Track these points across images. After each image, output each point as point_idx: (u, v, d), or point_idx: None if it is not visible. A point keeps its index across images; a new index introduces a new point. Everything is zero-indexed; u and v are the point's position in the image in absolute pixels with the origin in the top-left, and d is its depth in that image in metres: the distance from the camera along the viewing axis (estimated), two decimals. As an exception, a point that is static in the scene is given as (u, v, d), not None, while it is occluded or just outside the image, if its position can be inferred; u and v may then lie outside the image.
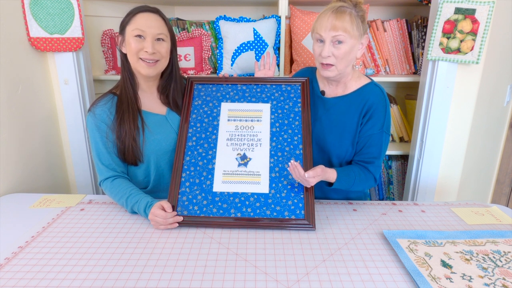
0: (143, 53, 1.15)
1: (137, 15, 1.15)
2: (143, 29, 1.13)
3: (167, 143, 1.22)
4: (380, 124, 1.16)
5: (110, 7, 1.92)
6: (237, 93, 1.27)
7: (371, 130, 1.16)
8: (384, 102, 1.17)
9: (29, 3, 1.51)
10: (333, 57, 1.10)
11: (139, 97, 1.23)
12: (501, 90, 1.82)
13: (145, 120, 1.21)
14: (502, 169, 2.05)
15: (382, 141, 1.17)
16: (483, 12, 1.46)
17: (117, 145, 1.17)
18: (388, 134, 1.18)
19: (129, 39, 1.15)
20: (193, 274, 0.86)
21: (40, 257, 0.92)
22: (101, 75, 1.92)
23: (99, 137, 1.16)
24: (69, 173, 1.84)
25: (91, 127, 1.17)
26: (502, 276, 0.85)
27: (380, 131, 1.16)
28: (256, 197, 1.09)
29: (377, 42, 1.92)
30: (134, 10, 1.16)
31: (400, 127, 2.03)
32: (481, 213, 1.16)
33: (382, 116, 1.16)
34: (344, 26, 1.07)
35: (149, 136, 1.20)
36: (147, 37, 1.14)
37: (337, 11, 1.08)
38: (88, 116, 1.19)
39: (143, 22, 1.14)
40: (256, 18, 1.95)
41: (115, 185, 1.15)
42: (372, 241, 1.00)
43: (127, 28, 1.15)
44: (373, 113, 1.16)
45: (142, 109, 1.23)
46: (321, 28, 1.09)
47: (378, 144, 1.17)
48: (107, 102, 1.20)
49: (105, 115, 1.17)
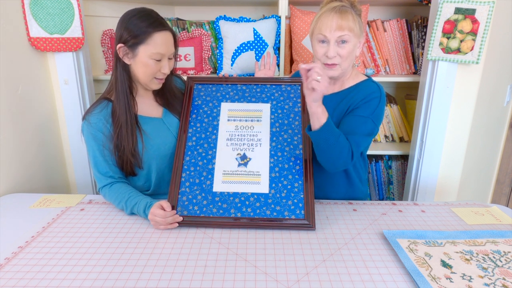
0: (159, 74, 1.15)
1: (154, 35, 1.09)
2: (163, 52, 1.11)
3: (166, 147, 1.21)
4: (370, 111, 1.13)
5: (110, 7, 1.92)
6: (237, 93, 1.27)
7: (359, 112, 1.13)
8: (379, 96, 1.14)
9: (29, 3, 1.51)
10: (338, 57, 1.11)
11: (136, 102, 1.20)
12: (501, 90, 1.82)
13: (143, 127, 1.19)
14: (502, 169, 2.05)
15: (367, 125, 1.12)
16: (483, 12, 1.46)
17: (116, 155, 1.16)
18: (375, 124, 1.14)
19: (146, 60, 1.11)
20: (193, 274, 0.86)
21: (40, 257, 0.92)
22: (101, 75, 1.92)
23: (95, 145, 1.15)
24: (69, 173, 1.84)
25: (87, 135, 1.16)
26: (502, 276, 0.85)
27: (367, 116, 1.12)
28: (256, 197, 1.09)
29: (377, 42, 1.93)
30: (145, 29, 1.09)
31: (400, 127, 2.03)
32: (481, 213, 1.16)
33: (374, 106, 1.13)
34: (349, 26, 1.07)
35: (148, 142, 1.19)
36: (163, 59, 1.14)
37: (340, 11, 1.08)
38: (83, 124, 1.16)
39: (162, 45, 1.11)
40: (256, 18, 1.95)
41: (113, 189, 1.15)
42: (372, 241, 1.00)
43: (141, 48, 1.09)
44: (366, 102, 1.13)
45: (139, 113, 1.20)
46: (326, 28, 1.09)
47: (362, 126, 1.12)
48: (101, 109, 1.16)
49: (101, 124, 1.15)
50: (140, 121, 1.20)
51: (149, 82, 1.17)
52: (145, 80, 1.16)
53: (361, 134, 1.11)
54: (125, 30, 1.10)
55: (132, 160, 1.16)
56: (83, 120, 1.17)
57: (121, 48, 1.11)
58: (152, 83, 1.18)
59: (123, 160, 1.16)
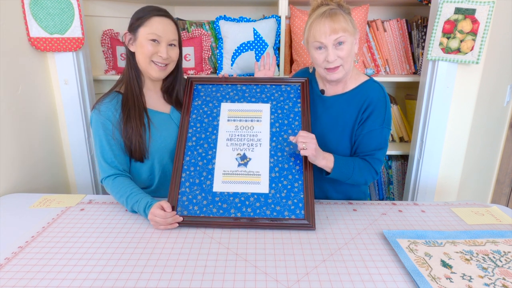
0: (156, 57, 1.17)
1: (152, 18, 1.15)
2: (159, 34, 1.15)
3: (172, 140, 1.24)
4: (381, 119, 1.16)
5: (110, 7, 1.92)
6: (237, 93, 1.27)
7: (372, 126, 1.16)
8: (384, 98, 1.17)
9: (29, 3, 1.51)
10: (339, 59, 1.11)
11: (144, 95, 1.24)
12: (501, 90, 1.82)
13: (151, 118, 1.22)
14: (502, 169, 2.05)
15: (383, 136, 1.17)
16: (483, 12, 1.46)
17: (124, 143, 1.18)
18: (389, 128, 1.18)
19: (143, 42, 1.15)
20: (193, 274, 0.86)
21: (40, 257, 0.92)
22: (101, 75, 1.92)
23: (103, 134, 1.17)
24: (69, 173, 1.84)
25: (95, 124, 1.18)
26: (502, 276, 0.85)
27: (381, 127, 1.16)
28: (256, 197, 1.09)
29: (377, 42, 1.93)
30: (147, 12, 1.16)
31: (400, 127, 2.03)
32: (481, 213, 1.16)
33: (383, 112, 1.16)
34: (342, 27, 1.08)
35: (155, 133, 1.21)
36: (162, 42, 1.17)
37: (330, 14, 1.09)
38: (92, 113, 1.19)
39: (159, 27, 1.15)
40: (256, 18, 1.95)
41: (116, 183, 1.15)
42: (372, 241, 1.00)
43: (140, 30, 1.16)
44: (373, 109, 1.16)
45: (147, 107, 1.24)
46: (320, 35, 1.09)
47: (379, 139, 1.17)
48: (112, 99, 1.20)
49: (110, 113, 1.18)
50: (148, 113, 1.23)
51: (148, 66, 1.18)
52: (144, 65, 1.18)
53: (379, 149, 1.16)
54: (131, 18, 1.19)
55: (140, 142, 1.18)
56: (93, 109, 1.19)
57: (126, 34, 1.19)
58: (151, 68, 1.19)
59: (132, 143, 1.17)
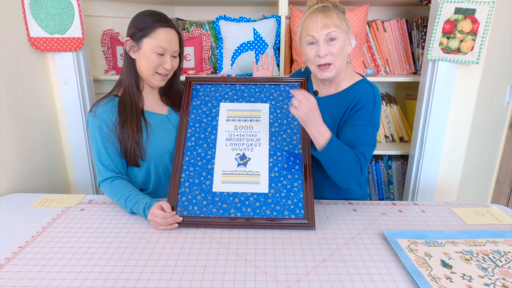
0: (161, 68, 1.19)
1: (158, 30, 1.15)
2: (165, 47, 1.16)
3: (170, 141, 1.24)
4: (367, 117, 1.13)
5: (110, 7, 1.92)
6: (235, 93, 1.27)
7: (358, 122, 1.13)
8: (373, 98, 1.14)
9: (29, 3, 1.51)
10: (330, 55, 1.11)
11: (142, 97, 1.24)
12: (501, 90, 1.82)
13: (148, 120, 1.22)
14: (502, 169, 2.05)
15: (369, 133, 1.13)
16: (483, 12, 1.46)
17: (119, 147, 1.18)
18: (375, 128, 1.14)
19: (148, 53, 1.16)
20: (193, 274, 0.86)
21: (40, 257, 0.92)
22: (101, 75, 1.92)
23: (99, 137, 1.17)
24: (69, 173, 1.84)
25: (92, 127, 1.18)
26: (502, 276, 0.85)
27: (367, 124, 1.12)
28: (255, 197, 1.09)
29: (377, 42, 1.93)
30: (151, 23, 1.15)
31: (400, 127, 2.03)
32: (481, 213, 1.16)
33: (370, 111, 1.13)
34: (335, 22, 1.08)
35: (153, 134, 1.21)
36: (166, 54, 1.17)
37: (323, 10, 1.09)
38: (89, 116, 1.19)
39: (165, 40, 1.16)
40: (256, 18, 1.95)
41: (114, 186, 1.15)
42: (372, 241, 1.00)
43: (145, 40, 1.15)
44: (360, 107, 1.13)
45: (145, 109, 1.24)
46: (312, 29, 1.09)
47: (364, 134, 1.12)
48: (108, 102, 1.20)
49: (106, 116, 1.18)
50: (146, 115, 1.23)
51: (151, 76, 1.20)
52: (147, 75, 1.19)
53: (364, 144, 1.11)
54: (133, 25, 1.18)
55: (135, 148, 1.18)
56: (89, 112, 1.20)
57: (127, 41, 1.18)
58: (154, 78, 1.20)
59: (127, 149, 1.17)
